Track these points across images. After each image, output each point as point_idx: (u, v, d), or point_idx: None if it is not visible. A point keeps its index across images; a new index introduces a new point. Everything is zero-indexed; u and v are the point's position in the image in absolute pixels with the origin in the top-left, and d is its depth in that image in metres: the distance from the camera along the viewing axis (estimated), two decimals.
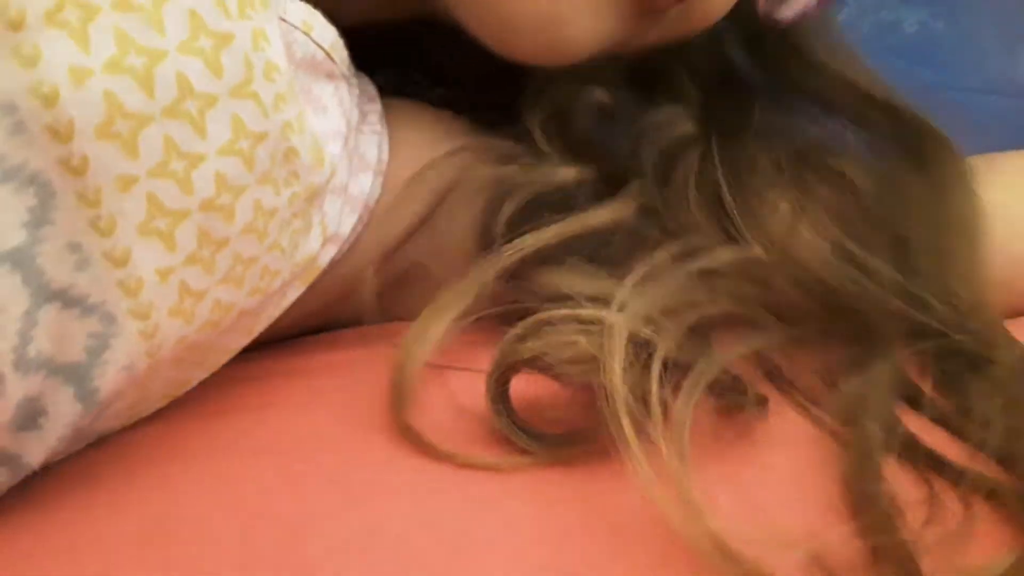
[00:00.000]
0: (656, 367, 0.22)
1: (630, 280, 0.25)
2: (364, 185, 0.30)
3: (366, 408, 0.25)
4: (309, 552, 0.20)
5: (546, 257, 0.27)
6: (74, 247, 0.20)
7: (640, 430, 0.21)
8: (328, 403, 0.26)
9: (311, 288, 0.28)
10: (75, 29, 0.19)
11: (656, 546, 0.20)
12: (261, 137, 0.23)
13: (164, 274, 0.22)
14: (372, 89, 0.31)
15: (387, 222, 0.30)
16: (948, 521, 0.21)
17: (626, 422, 0.21)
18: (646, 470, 0.20)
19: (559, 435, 0.23)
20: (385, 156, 0.30)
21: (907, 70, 0.46)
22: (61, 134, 0.19)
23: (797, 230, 0.28)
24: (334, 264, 0.29)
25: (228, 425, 0.25)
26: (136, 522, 0.21)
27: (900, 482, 0.21)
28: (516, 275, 0.27)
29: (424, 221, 0.31)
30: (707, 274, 0.26)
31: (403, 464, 0.23)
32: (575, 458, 0.23)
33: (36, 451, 0.22)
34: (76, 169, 0.19)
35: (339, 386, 0.27)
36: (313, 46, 0.26)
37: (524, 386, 0.23)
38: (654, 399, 0.21)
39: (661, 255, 0.26)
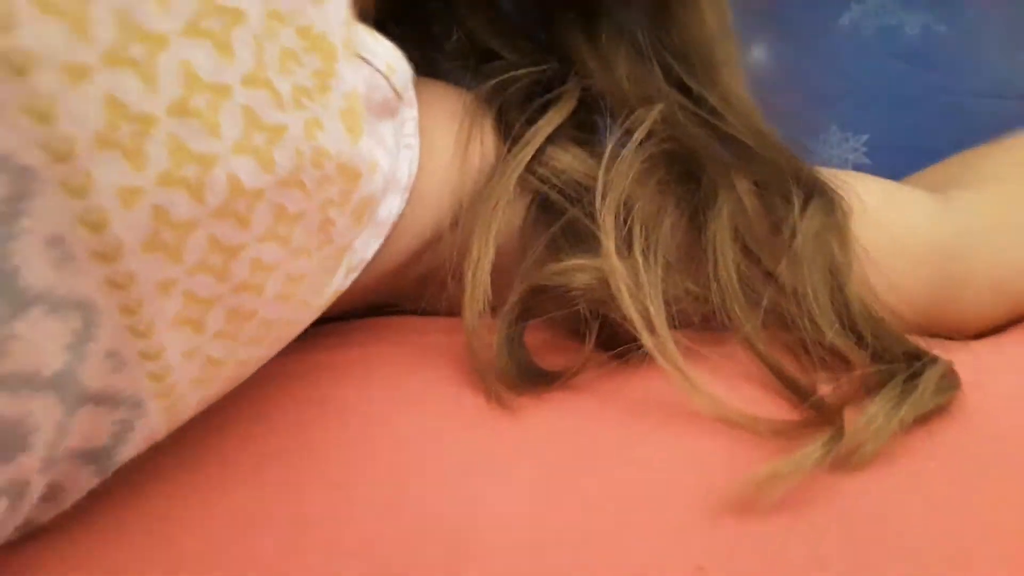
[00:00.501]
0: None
1: (602, 166, 0.30)
2: (393, 207, 0.29)
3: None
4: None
5: (548, 142, 0.31)
6: (112, 354, 0.19)
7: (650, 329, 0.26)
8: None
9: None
10: (128, 148, 0.17)
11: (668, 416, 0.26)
12: (299, 218, 0.22)
13: (190, 355, 0.21)
14: (411, 92, 0.30)
15: (406, 234, 0.30)
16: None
17: (637, 320, 0.26)
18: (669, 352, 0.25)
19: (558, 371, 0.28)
20: (415, 171, 0.29)
21: (909, 73, 0.46)
22: (108, 256, 0.18)
23: None
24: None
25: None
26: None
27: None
28: (534, 159, 0.31)
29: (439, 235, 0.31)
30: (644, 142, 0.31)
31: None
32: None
33: (50, 515, 0.21)
34: (120, 285, 0.18)
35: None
36: (390, 91, 0.26)
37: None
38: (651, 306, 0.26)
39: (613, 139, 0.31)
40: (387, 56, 0.26)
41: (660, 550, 0.20)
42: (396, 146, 0.28)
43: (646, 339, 0.26)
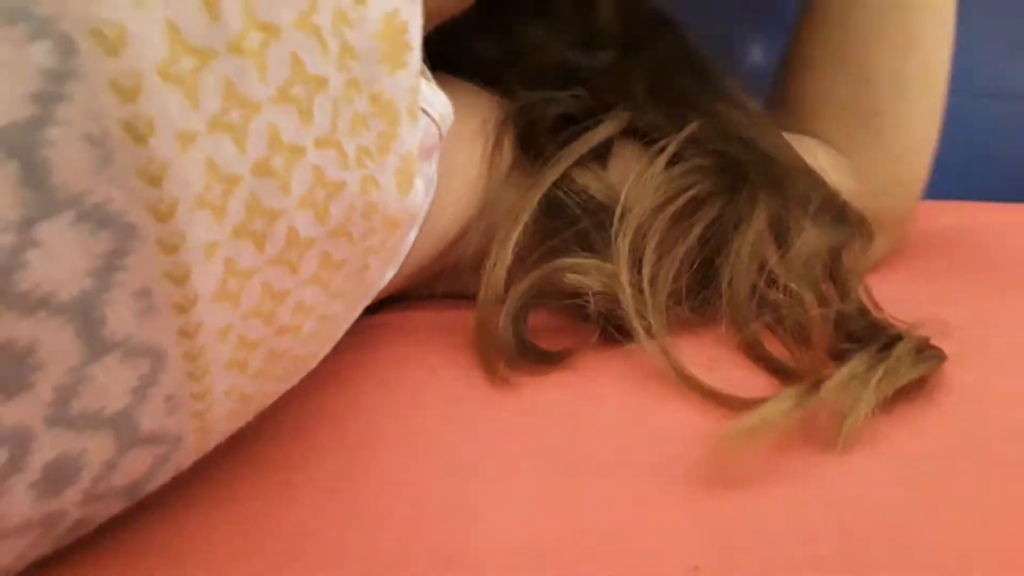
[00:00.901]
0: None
1: (627, 185, 0.33)
2: (409, 241, 0.29)
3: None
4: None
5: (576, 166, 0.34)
6: (170, 397, 0.19)
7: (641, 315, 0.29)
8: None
9: None
10: (216, 206, 0.18)
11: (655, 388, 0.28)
12: (342, 265, 0.22)
13: (229, 393, 0.21)
14: (435, 128, 0.31)
15: (415, 258, 0.31)
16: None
17: (640, 332, 0.29)
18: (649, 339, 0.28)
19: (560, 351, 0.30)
20: (429, 203, 0.31)
21: None
22: (185, 307, 0.18)
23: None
24: None
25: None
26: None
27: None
28: (558, 183, 0.34)
29: (448, 249, 0.33)
30: (672, 162, 0.34)
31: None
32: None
33: (68, 541, 0.21)
34: (190, 334, 0.19)
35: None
36: (439, 137, 0.27)
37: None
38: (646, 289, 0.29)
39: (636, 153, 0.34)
40: (442, 108, 0.27)
41: (656, 551, 0.20)
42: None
43: (647, 343, 0.28)
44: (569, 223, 0.33)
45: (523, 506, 0.22)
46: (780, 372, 0.29)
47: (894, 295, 0.33)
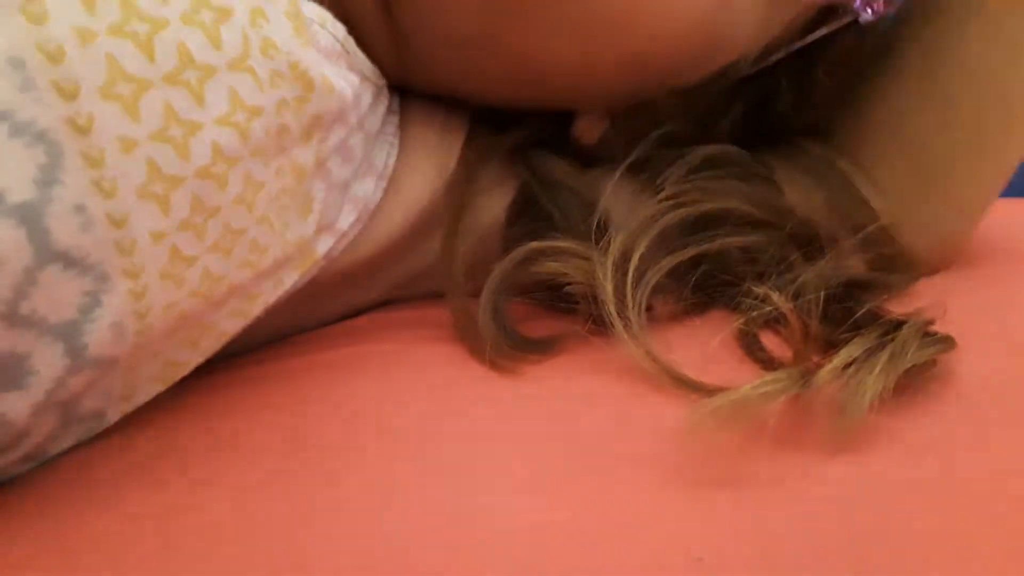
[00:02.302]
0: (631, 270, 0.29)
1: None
2: (368, 188, 0.31)
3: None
4: None
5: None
6: (80, 208, 0.20)
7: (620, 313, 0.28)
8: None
9: (311, 284, 0.29)
10: (126, 100, 0.20)
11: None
12: (256, 112, 0.23)
13: (157, 237, 0.22)
14: (395, 102, 0.33)
15: (384, 224, 0.32)
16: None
17: (609, 299, 0.28)
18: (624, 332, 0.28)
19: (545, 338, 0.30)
20: (392, 163, 0.32)
21: None
22: (67, 92, 0.20)
23: None
24: (332, 260, 0.30)
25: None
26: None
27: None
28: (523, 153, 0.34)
29: (421, 228, 0.33)
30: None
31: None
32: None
33: (21, 408, 0.22)
34: (82, 128, 0.20)
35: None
36: (331, 38, 0.27)
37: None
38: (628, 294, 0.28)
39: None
40: (315, 9, 0.27)
41: (659, 543, 0.20)
42: (368, 119, 0.30)
43: (626, 340, 0.28)
44: (542, 214, 0.33)
45: (523, 498, 0.22)
46: (771, 364, 0.28)
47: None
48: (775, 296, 0.28)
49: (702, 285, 0.32)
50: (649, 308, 0.29)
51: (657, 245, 0.31)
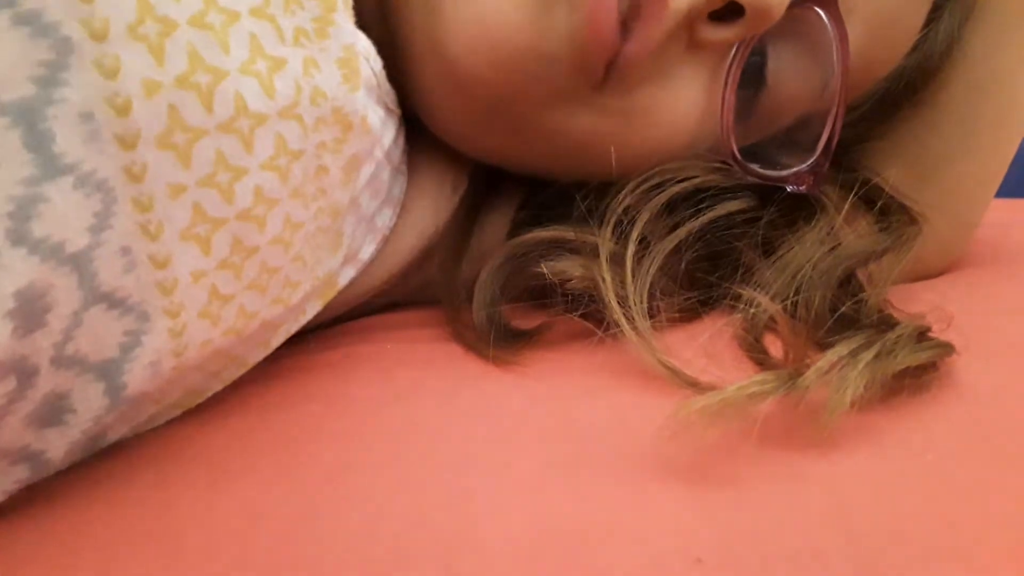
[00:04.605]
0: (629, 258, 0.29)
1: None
2: (387, 218, 0.32)
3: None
4: None
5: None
6: (125, 251, 0.21)
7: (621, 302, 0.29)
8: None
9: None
10: (153, 44, 0.20)
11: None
12: (298, 155, 0.24)
13: (197, 276, 0.22)
14: (402, 128, 0.33)
15: (396, 249, 0.33)
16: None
17: (611, 294, 0.28)
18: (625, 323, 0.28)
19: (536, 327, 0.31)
20: (403, 192, 0.33)
21: None
22: (128, 142, 0.20)
23: None
24: (348, 286, 0.31)
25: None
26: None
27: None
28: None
29: (429, 250, 0.34)
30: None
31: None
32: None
33: (59, 446, 0.22)
34: (136, 176, 0.20)
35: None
36: (371, 71, 0.28)
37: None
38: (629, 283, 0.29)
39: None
40: (363, 41, 0.28)
41: (658, 543, 0.20)
42: (392, 151, 0.30)
43: (631, 337, 0.28)
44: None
45: (524, 497, 0.22)
46: (768, 364, 0.28)
47: (895, 288, 0.32)
48: (764, 299, 0.28)
49: (700, 282, 0.32)
50: (651, 315, 0.29)
51: (652, 230, 0.31)
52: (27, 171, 0.18)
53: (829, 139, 0.32)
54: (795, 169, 0.32)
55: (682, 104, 0.30)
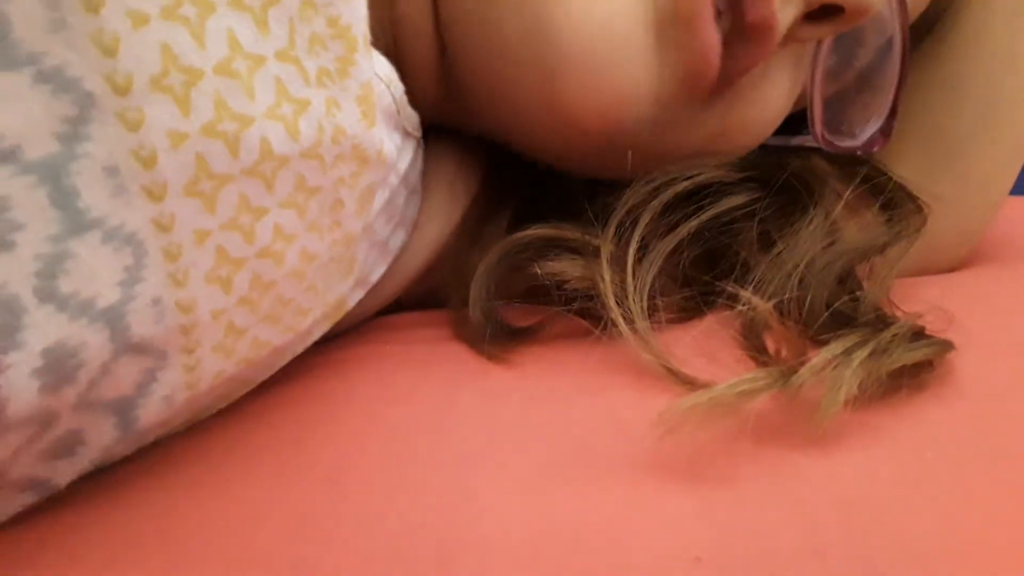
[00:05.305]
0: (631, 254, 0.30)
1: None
2: (400, 239, 0.32)
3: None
4: None
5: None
6: (156, 301, 0.20)
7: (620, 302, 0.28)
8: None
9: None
10: (178, 96, 0.19)
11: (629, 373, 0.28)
12: (316, 191, 0.24)
13: (217, 315, 0.22)
14: (420, 151, 0.33)
15: (406, 266, 0.33)
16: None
17: (610, 294, 0.28)
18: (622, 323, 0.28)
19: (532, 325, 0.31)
20: (417, 211, 0.33)
21: None
22: (156, 194, 0.19)
23: None
24: (357, 305, 0.31)
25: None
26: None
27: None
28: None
29: (436, 264, 0.34)
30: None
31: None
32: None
33: (67, 474, 0.22)
34: (165, 227, 0.20)
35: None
36: (390, 98, 0.28)
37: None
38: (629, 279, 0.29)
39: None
40: (385, 68, 0.28)
41: (658, 542, 0.20)
42: (409, 174, 0.31)
43: (629, 336, 0.28)
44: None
45: (523, 496, 0.22)
46: (766, 362, 0.28)
47: (896, 285, 0.32)
48: (756, 300, 0.28)
49: (699, 280, 0.32)
50: (650, 314, 0.29)
51: (653, 229, 0.31)
52: (54, 229, 0.18)
53: (895, 98, 0.32)
54: (869, 133, 0.32)
55: (774, 99, 0.31)
